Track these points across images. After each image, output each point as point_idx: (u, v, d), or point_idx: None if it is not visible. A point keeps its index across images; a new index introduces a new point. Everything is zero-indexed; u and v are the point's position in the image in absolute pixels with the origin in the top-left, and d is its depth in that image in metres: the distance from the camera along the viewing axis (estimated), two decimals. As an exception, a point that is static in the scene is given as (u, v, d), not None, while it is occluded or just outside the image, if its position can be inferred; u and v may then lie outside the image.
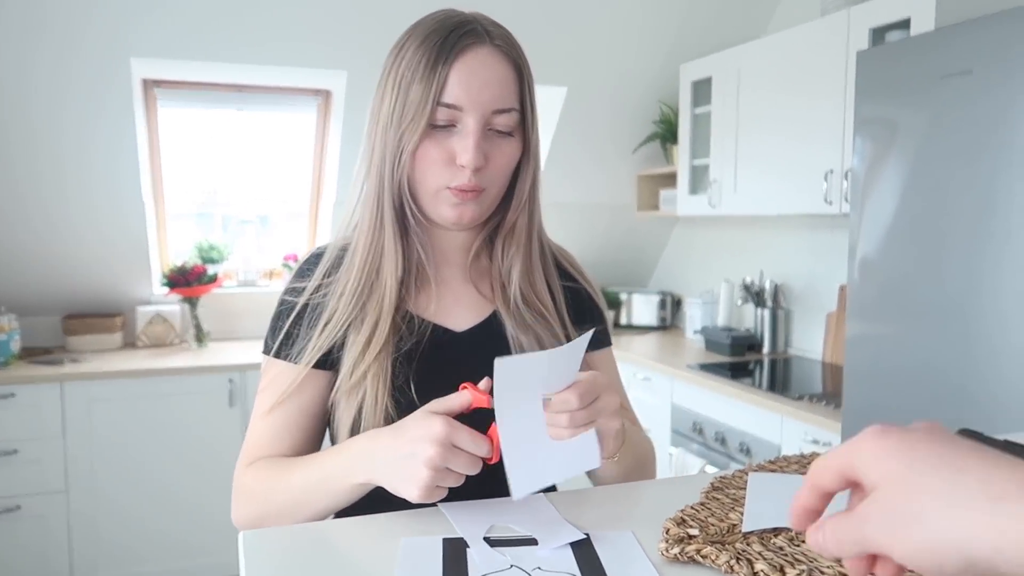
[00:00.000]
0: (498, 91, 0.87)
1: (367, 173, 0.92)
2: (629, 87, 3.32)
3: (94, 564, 2.72)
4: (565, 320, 1.00)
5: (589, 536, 0.73)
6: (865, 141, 2.01)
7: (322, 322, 0.92)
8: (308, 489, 0.83)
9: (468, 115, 0.86)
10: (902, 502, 0.38)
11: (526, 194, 0.96)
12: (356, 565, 0.70)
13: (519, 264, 0.97)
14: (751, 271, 3.23)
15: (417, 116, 0.85)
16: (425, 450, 0.72)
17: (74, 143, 2.74)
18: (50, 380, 2.65)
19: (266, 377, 0.95)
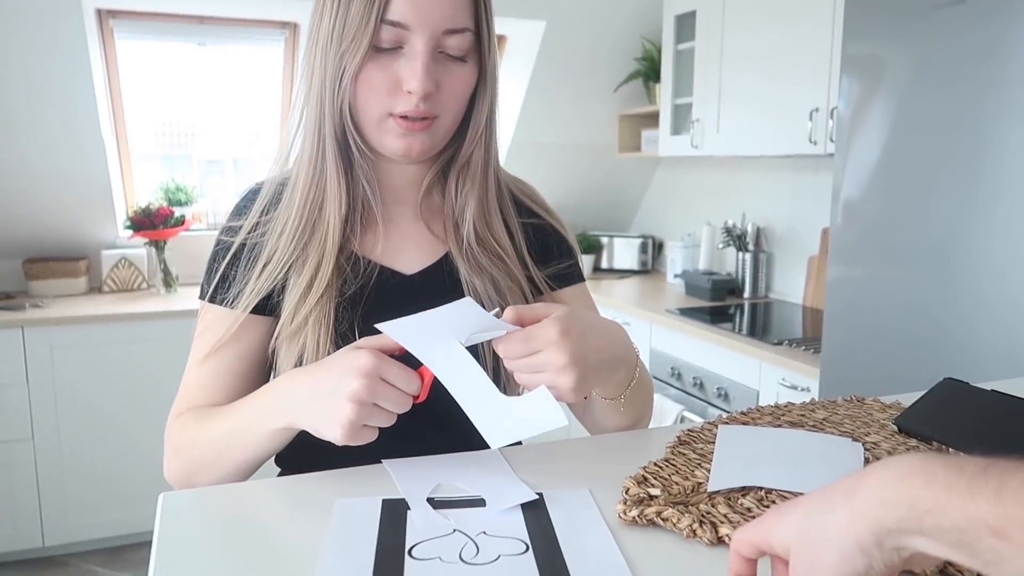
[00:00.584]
0: (450, 9, 0.78)
1: (306, 100, 0.84)
2: (610, 21, 3.19)
3: (63, 511, 2.68)
4: (527, 260, 0.93)
5: (542, 496, 0.67)
6: (852, 79, 1.93)
7: (260, 263, 0.85)
8: (228, 439, 0.78)
9: (415, 35, 0.77)
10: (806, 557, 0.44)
11: (482, 125, 0.88)
12: (285, 529, 0.64)
13: (474, 202, 0.89)
14: (733, 214, 3.17)
15: (359, 35, 0.77)
16: (349, 383, 0.66)
17: (26, 78, 2.59)
18: (11, 326, 2.56)
19: (201, 323, 0.88)
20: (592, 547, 0.59)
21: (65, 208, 2.96)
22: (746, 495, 0.65)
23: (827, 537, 0.41)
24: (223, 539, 0.61)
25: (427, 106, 0.80)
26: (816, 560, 0.42)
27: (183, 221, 3.08)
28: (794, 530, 0.44)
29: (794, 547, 0.44)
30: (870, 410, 0.88)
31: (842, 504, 0.41)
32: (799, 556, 0.43)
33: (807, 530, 0.43)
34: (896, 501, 0.39)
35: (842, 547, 0.41)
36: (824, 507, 0.42)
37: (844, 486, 0.42)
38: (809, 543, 0.43)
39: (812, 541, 0.42)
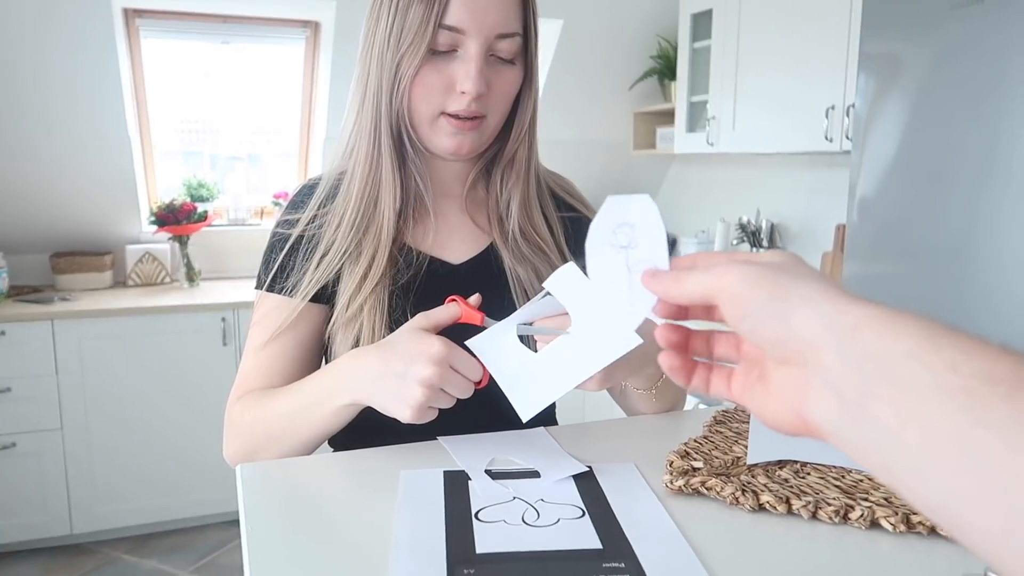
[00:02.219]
0: (503, 14, 0.83)
1: (362, 100, 0.88)
2: (626, 20, 3.23)
3: (90, 500, 2.74)
4: (565, 253, 0.97)
5: (592, 468, 0.72)
6: (868, 77, 1.97)
7: (318, 254, 0.90)
8: (292, 416, 0.82)
9: (470, 39, 0.82)
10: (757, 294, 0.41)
11: (526, 124, 0.93)
12: (356, 498, 0.69)
13: (518, 196, 0.94)
14: (747, 210, 3.21)
15: (417, 40, 0.81)
16: (421, 370, 0.70)
17: (56, 75, 2.65)
18: (40, 318, 2.62)
19: (259, 311, 0.93)
20: (643, 512, 0.63)
21: (91, 204, 3.02)
22: (783, 467, 0.70)
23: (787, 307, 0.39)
24: (302, 506, 0.66)
25: (477, 106, 0.84)
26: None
27: (206, 216, 3.14)
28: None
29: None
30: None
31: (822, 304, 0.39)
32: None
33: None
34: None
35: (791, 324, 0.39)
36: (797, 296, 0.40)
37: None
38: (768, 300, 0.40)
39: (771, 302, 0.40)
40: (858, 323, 0.36)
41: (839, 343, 0.36)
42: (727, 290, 0.41)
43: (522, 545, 0.58)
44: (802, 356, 0.38)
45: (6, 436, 2.62)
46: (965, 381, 0.31)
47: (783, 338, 0.39)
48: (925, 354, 0.33)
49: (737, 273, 0.41)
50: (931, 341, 0.34)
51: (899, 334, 0.35)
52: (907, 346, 0.34)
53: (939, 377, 0.32)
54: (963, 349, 0.33)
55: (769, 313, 0.39)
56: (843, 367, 0.36)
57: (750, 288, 0.40)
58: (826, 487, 0.66)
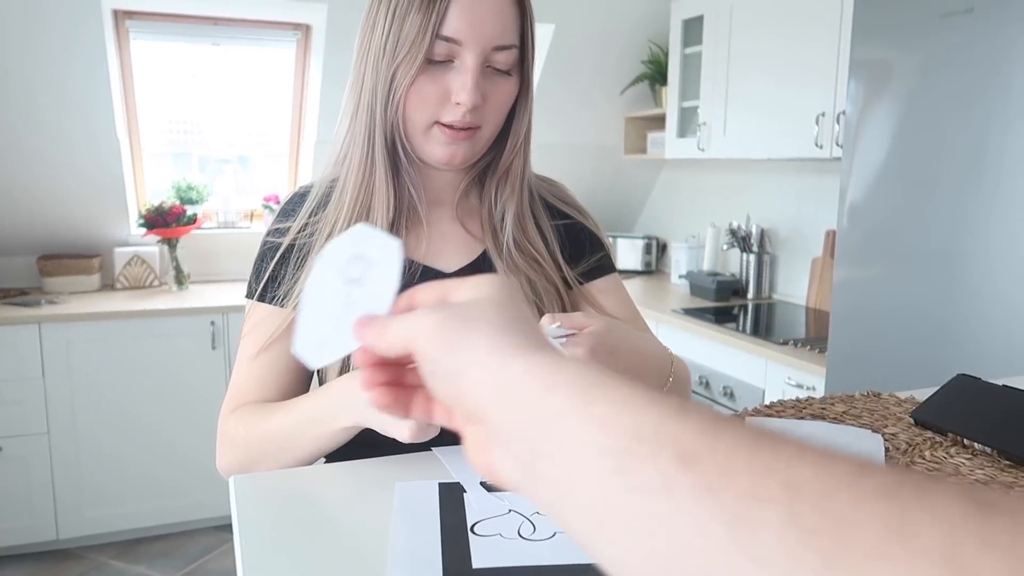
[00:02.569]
0: (500, 26, 0.82)
1: (356, 108, 0.88)
2: (618, 25, 3.24)
3: (77, 505, 2.72)
4: (560, 262, 0.97)
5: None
6: (859, 83, 1.98)
7: (309, 263, 0.89)
8: (292, 434, 0.81)
9: (467, 50, 0.81)
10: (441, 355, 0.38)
11: (522, 136, 0.93)
12: (351, 510, 0.68)
13: (512, 208, 0.94)
14: (738, 215, 3.22)
15: (414, 49, 0.81)
16: None
17: (45, 76, 2.63)
18: (27, 321, 2.60)
19: (250, 321, 0.92)
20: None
21: (79, 206, 3.00)
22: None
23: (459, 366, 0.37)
24: (296, 517, 0.66)
25: (472, 117, 0.84)
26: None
27: (195, 219, 3.12)
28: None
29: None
30: (886, 404, 0.93)
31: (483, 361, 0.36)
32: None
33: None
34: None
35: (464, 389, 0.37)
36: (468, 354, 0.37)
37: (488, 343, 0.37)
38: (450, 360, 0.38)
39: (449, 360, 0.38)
40: (517, 380, 0.34)
41: (503, 403, 0.34)
42: (415, 345, 0.39)
43: (519, 559, 0.58)
44: (477, 418, 0.36)
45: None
46: (616, 440, 0.30)
47: (459, 398, 0.37)
48: (580, 410, 0.31)
49: (422, 325, 0.38)
50: (585, 395, 0.32)
51: (556, 388, 0.33)
52: (563, 403, 0.32)
53: (592, 436, 0.30)
54: (615, 402, 0.31)
55: (446, 370, 0.37)
56: (511, 428, 0.34)
57: (430, 342, 0.38)
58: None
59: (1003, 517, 0.23)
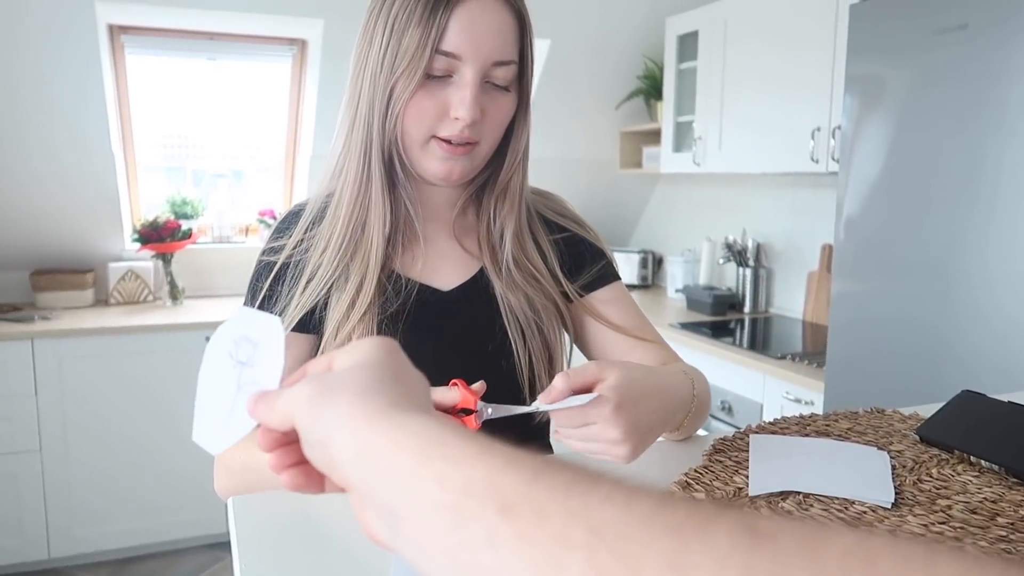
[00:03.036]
0: (500, 42, 0.82)
1: (353, 122, 0.87)
2: (613, 40, 3.25)
3: (68, 523, 2.68)
4: (559, 276, 0.96)
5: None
6: (854, 98, 1.99)
7: (304, 279, 0.88)
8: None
9: (466, 66, 0.80)
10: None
11: (520, 152, 0.92)
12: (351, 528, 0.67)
13: (512, 225, 0.93)
14: (733, 229, 3.22)
15: (413, 64, 0.80)
16: None
17: (37, 92, 2.62)
18: (20, 337, 2.58)
19: None
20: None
21: (73, 221, 2.98)
22: (785, 499, 0.69)
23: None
24: (296, 537, 0.65)
25: (471, 132, 0.83)
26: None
27: (190, 234, 3.10)
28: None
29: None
30: (891, 420, 0.92)
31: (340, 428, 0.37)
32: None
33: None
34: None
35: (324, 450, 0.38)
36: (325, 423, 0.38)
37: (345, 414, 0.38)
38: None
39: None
40: (372, 443, 0.34)
41: (362, 467, 0.35)
42: (294, 418, 0.39)
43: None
44: (345, 483, 0.37)
45: (-18, 458, 2.57)
46: (452, 496, 0.30)
47: (328, 466, 0.37)
48: (423, 467, 0.32)
49: (297, 396, 0.39)
50: (424, 453, 0.32)
51: (402, 449, 0.33)
52: (410, 461, 0.32)
53: (432, 492, 0.31)
54: (451, 459, 0.32)
55: (316, 440, 0.38)
56: (371, 491, 0.34)
57: (303, 413, 0.39)
58: (830, 519, 0.65)
59: (767, 544, 0.24)
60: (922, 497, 0.71)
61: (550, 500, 0.28)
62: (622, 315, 0.98)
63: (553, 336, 0.94)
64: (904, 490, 0.72)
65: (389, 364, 0.41)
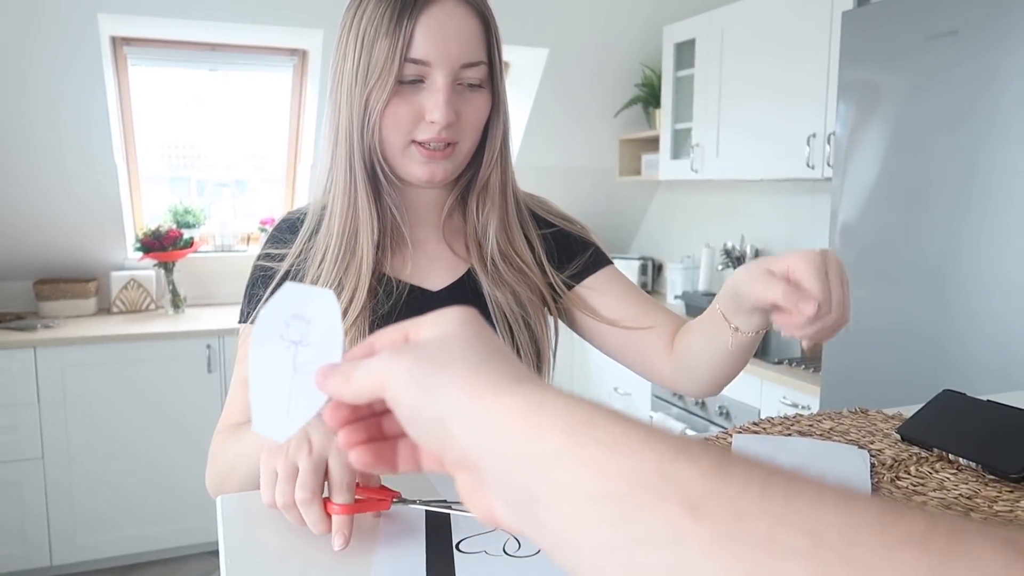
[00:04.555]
0: (466, 45, 0.84)
1: (336, 137, 0.89)
2: (611, 49, 3.28)
3: (71, 530, 2.70)
4: (546, 268, 0.98)
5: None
6: (848, 105, 2.00)
7: None
8: (256, 459, 0.80)
9: (436, 70, 0.83)
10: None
11: (497, 149, 0.94)
12: (337, 529, 0.68)
13: (495, 221, 0.95)
14: (732, 236, 3.24)
15: (384, 73, 0.82)
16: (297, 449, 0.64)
17: (41, 103, 2.66)
18: (23, 346, 2.60)
19: (246, 344, 0.92)
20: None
21: (76, 230, 3.01)
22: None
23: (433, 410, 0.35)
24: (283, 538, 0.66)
25: (448, 134, 0.86)
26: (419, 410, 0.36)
27: (192, 243, 3.13)
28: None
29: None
30: (874, 420, 0.94)
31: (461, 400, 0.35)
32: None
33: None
34: None
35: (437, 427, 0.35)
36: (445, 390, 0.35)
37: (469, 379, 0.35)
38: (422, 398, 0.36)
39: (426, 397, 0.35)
40: (503, 422, 0.32)
41: (492, 449, 0.32)
42: (388, 392, 0.36)
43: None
44: (466, 464, 0.34)
45: (-14, 466, 2.59)
46: (612, 485, 0.28)
47: (445, 445, 0.35)
48: (571, 452, 0.30)
49: (394, 369, 0.36)
50: (575, 435, 0.30)
51: (544, 430, 0.31)
52: (553, 445, 0.30)
53: (587, 481, 0.28)
54: (607, 443, 0.29)
55: (428, 418, 0.35)
56: (503, 474, 0.32)
57: (405, 388, 0.36)
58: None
59: None
60: (898, 494, 0.72)
61: (743, 498, 0.26)
62: (618, 300, 0.99)
63: (540, 330, 0.96)
64: (881, 487, 0.73)
65: (485, 335, 0.38)
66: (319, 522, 0.60)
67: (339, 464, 0.62)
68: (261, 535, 0.67)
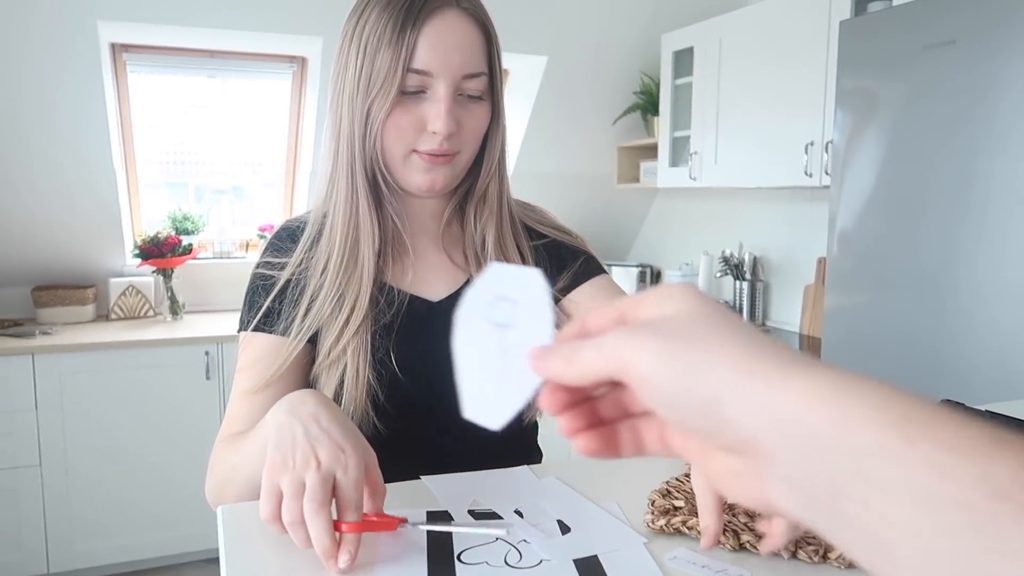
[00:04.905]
0: (468, 55, 0.85)
1: (337, 146, 0.89)
2: (610, 57, 3.29)
3: (68, 538, 2.69)
4: None
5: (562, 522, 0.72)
6: (846, 113, 2.01)
7: (306, 299, 0.89)
8: (257, 458, 0.76)
9: (439, 81, 0.84)
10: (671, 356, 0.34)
11: (496, 159, 0.95)
12: (338, 539, 0.68)
13: (492, 231, 0.96)
14: (730, 243, 3.24)
15: (387, 84, 0.83)
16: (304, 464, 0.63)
17: (39, 110, 2.66)
18: (21, 352, 2.60)
19: (247, 354, 0.90)
20: (626, 555, 0.63)
21: (74, 236, 3.01)
22: (764, 506, 0.70)
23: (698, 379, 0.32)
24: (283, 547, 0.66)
25: (449, 144, 0.87)
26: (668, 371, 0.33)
27: (190, 249, 3.13)
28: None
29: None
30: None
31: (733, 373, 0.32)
32: None
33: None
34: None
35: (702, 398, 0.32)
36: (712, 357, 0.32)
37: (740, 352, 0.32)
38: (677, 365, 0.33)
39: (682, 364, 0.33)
40: (796, 408, 0.30)
41: (786, 435, 0.30)
42: (633, 372, 0.33)
43: (504, 587, 0.58)
44: (744, 449, 0.32)
45: (-17, 473, 2.58)
46: (963, 492, 0.26)
47: (718, 429, 0.32)
48: (899, 450, 0.27)
49: (638, 348, 0.33)
50: (900, 430, 0.28)
51: (852, 420, 0.28)
52: (872, 438, 0.28)
53: (927, 482, 0.26)
54: (944, 443, 0.27)
55: (699, 400, 0.32)
56: (799, 463, 0.30)
57: (658, 369, 0.33)
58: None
59: None
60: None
61: None
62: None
63: None
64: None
65: (729, 312, 0.35)
66: (324, 534, 0.59)
67: (348, 481, 0.62)
68: (262, 547, 0.67)
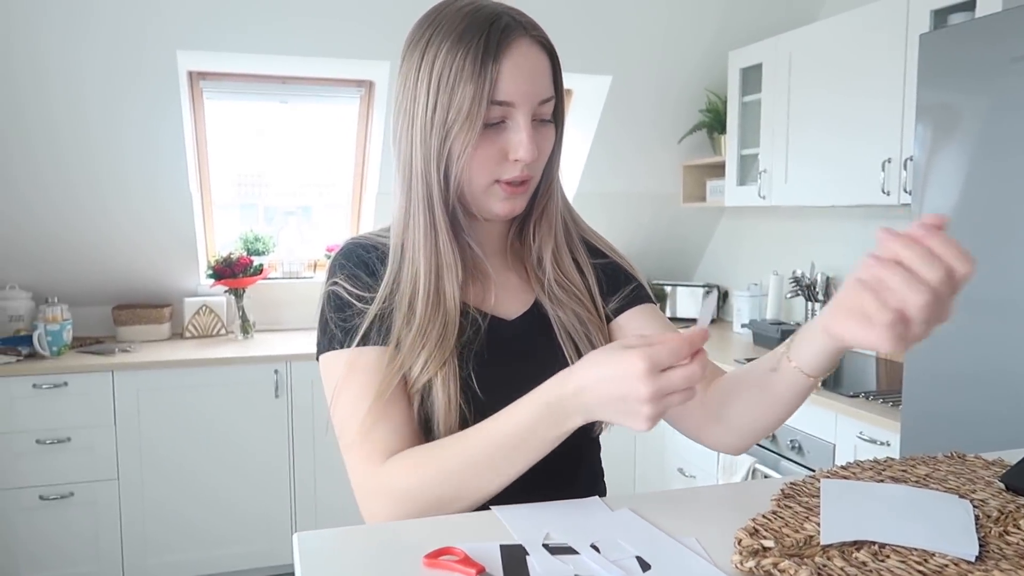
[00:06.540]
0: (541, 82, 0.86)
1: (410, 179, 0.88)
2: (675, 75, 3.25)
3: (143, 550, 2.76)
4: (596, 297, 0.98)
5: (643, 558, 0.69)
6: (927, 128, 1.93)
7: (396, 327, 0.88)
8: (502, 455, 0.77)
9: (519, 110, 0.84)
10: None
11: (555, 177, 0.96)
12: (413, 570, 0.67)
13: (550, 246, 0.97)
14: (801, 263, 3.15)
15: (471, 117, 0.82)
16: (637, 388, 0.68)
17: (125, 136, 2.77)
18: (101, 369, 2.69)
19: (354, 369, 0.87)
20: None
21: (152, 258, 3.12)
22: (859, 549, 0.66)
23: None
24: (359, 571, 0.65)
25: (528, 170, 0.87)
26: None
27: (261, 270, 3.21)
28: None
29: None
30: (973, 467, 0.88)
31: None
32: None
33: None
34: None
35: None
36: None
37: None
38: None
39: None
40: None
41: None
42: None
43: (585, 630, 0.56)
44: None
45: (64, 485, 2.68)
46: None
47: None
48: None
49: None
50: None
51: None
52: None
53: None
54: None
55: None
56: None
57: None
58: (907, 572, 0.62)
59: None
60: (1009, 551, 0.67)
61: None
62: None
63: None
64: (989, 543, 0.68)
65: None
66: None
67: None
68: (339, 572, 0.66)
